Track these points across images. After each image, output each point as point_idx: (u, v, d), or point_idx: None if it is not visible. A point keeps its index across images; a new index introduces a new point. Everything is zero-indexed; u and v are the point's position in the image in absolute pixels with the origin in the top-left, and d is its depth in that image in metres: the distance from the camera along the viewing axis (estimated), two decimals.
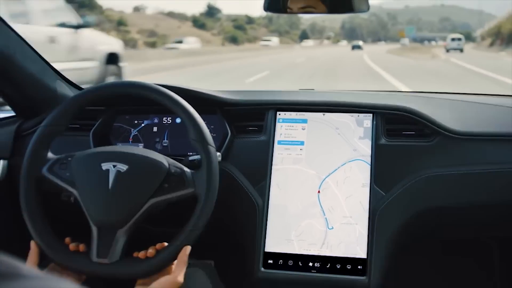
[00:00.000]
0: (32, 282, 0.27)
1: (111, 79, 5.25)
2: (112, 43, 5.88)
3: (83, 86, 1.22)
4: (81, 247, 0.83)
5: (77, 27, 4.97)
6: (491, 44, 38.51)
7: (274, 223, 1.01)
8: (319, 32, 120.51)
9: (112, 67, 5.42)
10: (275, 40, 54.37)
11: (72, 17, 5.05)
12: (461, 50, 29.77)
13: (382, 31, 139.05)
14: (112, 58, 5.43)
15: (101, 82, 4.74)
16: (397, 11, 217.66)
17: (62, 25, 4.78)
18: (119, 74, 5.57)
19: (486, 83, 10.40)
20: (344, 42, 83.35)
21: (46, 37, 4.41)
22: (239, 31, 58.05)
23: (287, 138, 1.06)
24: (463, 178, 1.05)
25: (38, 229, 0.82)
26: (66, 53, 4.67)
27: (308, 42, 64.90)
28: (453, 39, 32.59)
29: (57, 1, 5.17)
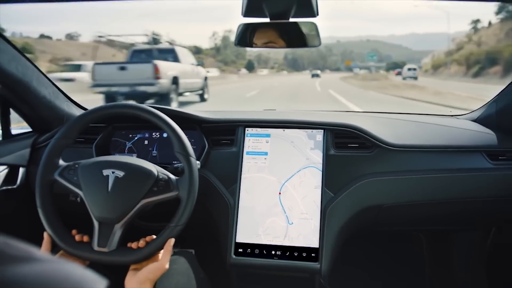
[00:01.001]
0: (46, 264, 0.29)
1: (206, 88, 11.48)
2: (207, 71, 12.91)
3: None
4: (85, 238, 0.91)
5: (197, 64, 11.15)
6: (476, 74, 31.28)
7: (245, 222, 1.11)
8: (264, 62, 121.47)
9: (205, 82, 11.36)
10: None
11: (194, 60, 11.28)
12: (416, 78, 30.90)
13: (321, 61, 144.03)
14: (206, 78, 11.55)
15: (200, 90, 11.23)
16: (332, 45, 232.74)
17: (192, 64, 10.73)
18: (207, 86, 11.59)
19: None
20: (265, 71, 73.12)
21: (192, 69, 10.41)
22: None
23: (254, 149, 1.18)
24: (397, 182, 1.16)
25: (50, 223, 0.90)
26: (195, 75, 10.59)
27: (212, 71, 45.88)
28: (409, 69, 34.28)
29: (189, 52, 12.06)
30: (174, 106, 8.55)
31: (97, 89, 8.59)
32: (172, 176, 0.94)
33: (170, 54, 9.89)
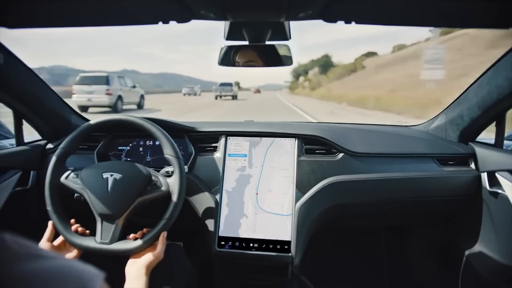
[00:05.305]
0: (51, 261, 0.32)
1: (237, 94, 30.61)
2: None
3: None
4: (86, 231, 1.03)
5: (234, 86, 31.62)
6: None
7: (226, 219, 1.21)
8: None
9: (237, 93, 31.64)
10: None
11: (235, 85, 33.01)
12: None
13: None
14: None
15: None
16: None
17: (235, 87, 32.13)
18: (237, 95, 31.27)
19: None
20: None
21: (236, 89, 32.16)
22: None
23: (235, 152, 1.30)
24: (359, 184, 1.26)
25: (60, 221, 1.02)
26: (236, 90, 30.92)
27: None
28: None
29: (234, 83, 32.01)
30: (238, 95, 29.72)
31: (215, 94, 28.23)
32: (163, 177, 1.04)
33: (232, 84, 28.72)
